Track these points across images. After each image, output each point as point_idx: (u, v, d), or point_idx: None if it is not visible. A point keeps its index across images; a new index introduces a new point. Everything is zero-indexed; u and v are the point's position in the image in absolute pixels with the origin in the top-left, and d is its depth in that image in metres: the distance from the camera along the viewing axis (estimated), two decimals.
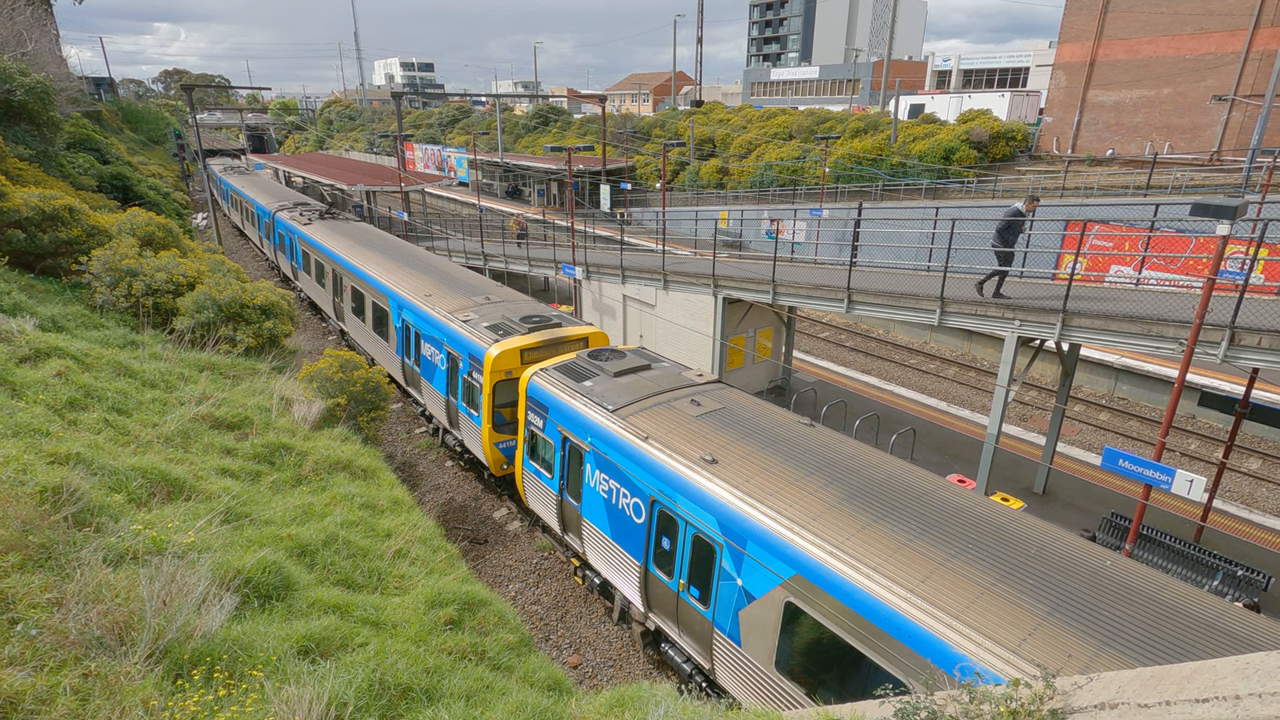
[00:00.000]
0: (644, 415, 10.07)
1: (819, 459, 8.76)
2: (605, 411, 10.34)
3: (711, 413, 10.05)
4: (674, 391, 10.82)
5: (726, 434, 9.44)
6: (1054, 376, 23.26)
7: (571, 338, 14.11)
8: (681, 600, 9.13)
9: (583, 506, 10.87)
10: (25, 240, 12.70)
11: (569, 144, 29.40)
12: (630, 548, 9.92)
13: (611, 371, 11.50)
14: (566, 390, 11.22)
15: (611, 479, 10.05)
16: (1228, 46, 35.44)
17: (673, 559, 9.14)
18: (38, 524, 4.85)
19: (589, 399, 10.75)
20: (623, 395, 10.66)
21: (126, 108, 61.42)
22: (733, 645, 8.29)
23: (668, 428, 9.69)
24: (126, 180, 28.17)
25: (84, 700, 3.68)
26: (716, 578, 8.40)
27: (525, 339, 13.61)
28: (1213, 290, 9.83)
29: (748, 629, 8.05)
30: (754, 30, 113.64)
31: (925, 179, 40.96)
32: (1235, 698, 2.68)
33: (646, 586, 9.82)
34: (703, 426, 9.66)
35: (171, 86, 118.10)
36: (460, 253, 31.64)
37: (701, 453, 8.98)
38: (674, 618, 9.46)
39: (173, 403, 9.44)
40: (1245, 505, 15.82)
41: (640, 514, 9.54)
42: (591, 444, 10.38)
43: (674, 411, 10.09)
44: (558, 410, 11.21)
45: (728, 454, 8.93)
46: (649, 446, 9.43)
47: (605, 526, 10.40)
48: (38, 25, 31.53)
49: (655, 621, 10.05)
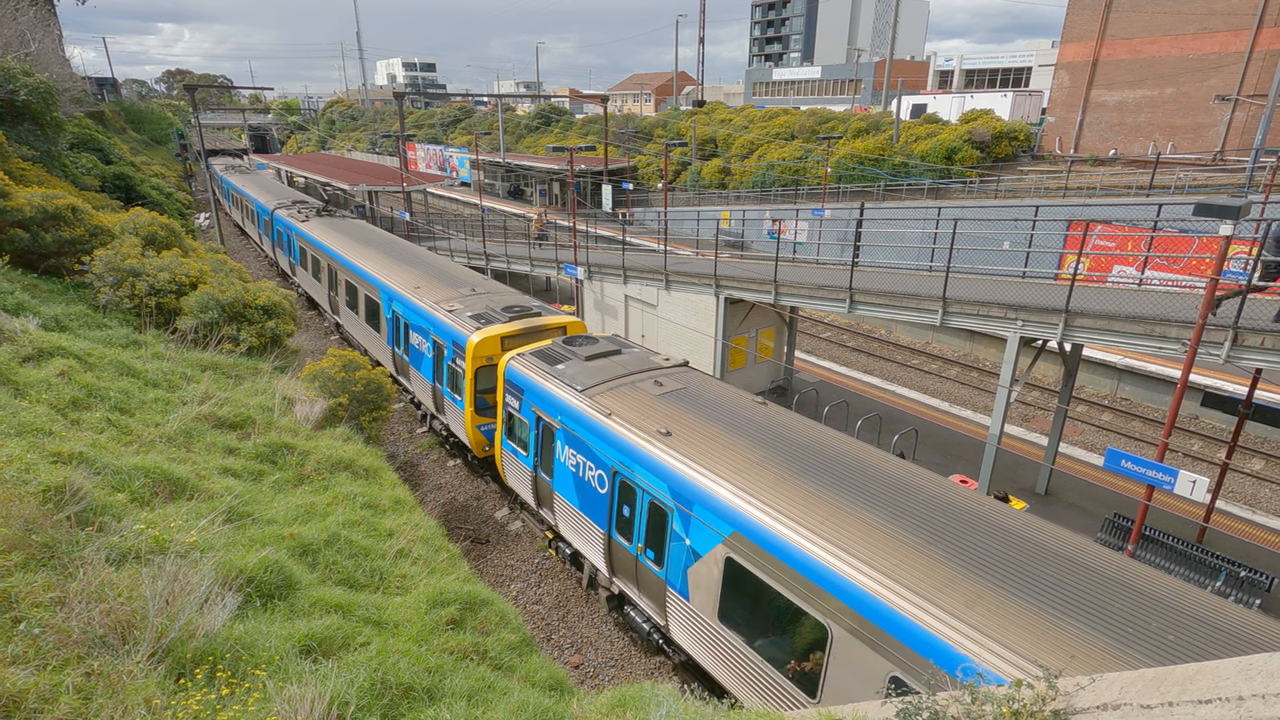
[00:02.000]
0: (610, 394, 10.76)
1: (767, 433, 9.45)
2: (574, 391, 11.01)
3: (672, 392, 10.79)
4: (639, 373, 11.53)
5: (683, 410, 10.14)
6: (1056, 377, 23.22)
7: (550, 326, 14.77)
8: (640, 563, 9.85)
9: (554, 481, 11.57)
10: (28, 240, 12.73)
11: (571, 144, 29.42)
12: (595, 516, 10.63)
13: (583, 356, 12.14)
14: (541, 373, 11.87)
15: (579, 454, 10.76)
16: (1231, 46, 35.37)
17: (632, 525, 9.85)
18: (41, 523, 4.87)
19: (560, 380, 11.41)
20: (592, 377, 11.33)
21: (129, 108, 61.53)
22: (683, 601, 9.02)
23: (630, 405, 10.37)
24: (129, 180, 28.23)
25: (87, 699, 3.69)
26: (669, 540, 9.11)
27: (505, 327, 14.29)
28: (1215, 290, 9.81)
29: (695, 584, 8.78)
30: (756, 30, 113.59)
31: (927, 179, 40.92)
32: (1238, 699, 2.67)
33: (610, 552, 10.54)
34: (662, 404, 10.36)
35: (174, 87, 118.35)
36: (462, 252, 31.66)
37: (658, 427, 9.70)
38: (634, 579, 10.19)
39: (175, 402, 9.45)
40: (1248, 506, 15.78)
41: (604, 485, 10.28)
42: (562, 422, 11.07)
43: (638, 391, 10.80)
44: (532, 392, 11.88)
45: (682, 428, 9.61)
46: (612, 422, 10.12)
47: (574, 498, 11.11)
48: (41, 25, 31.60)
49: (619, 585, 10.74)
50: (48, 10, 38.49)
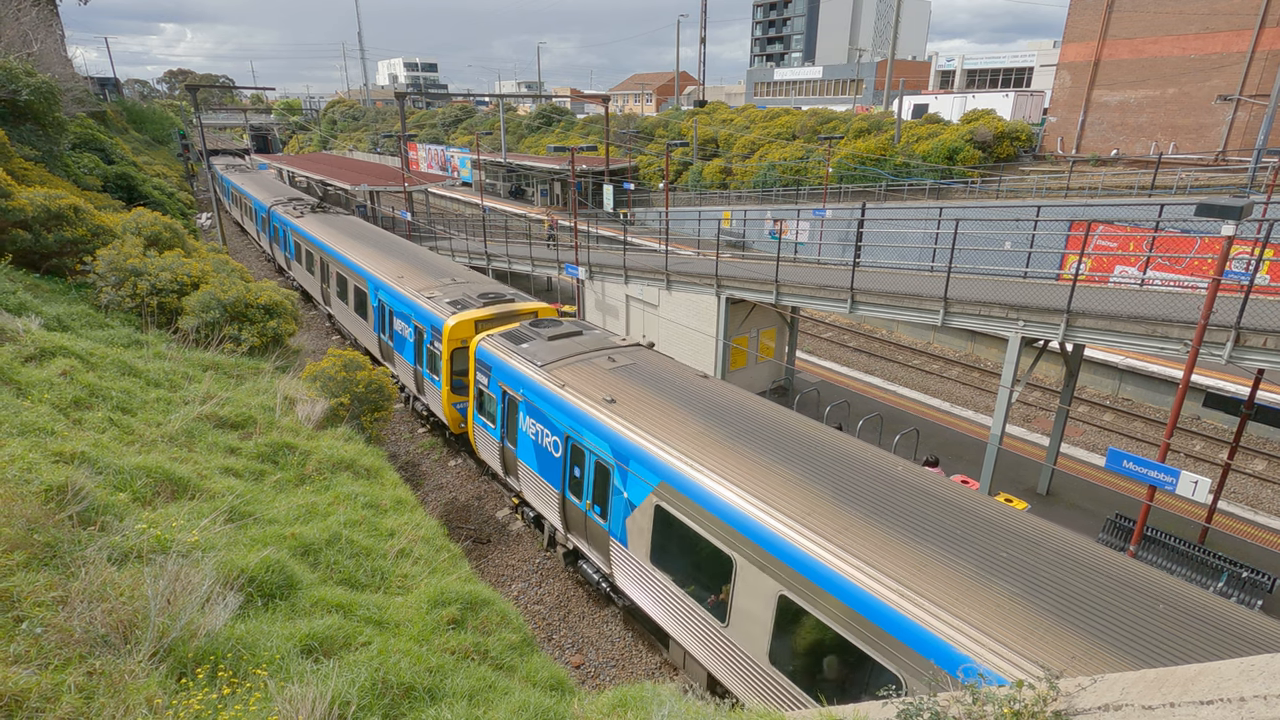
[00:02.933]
0: (566, 369, 11.79)
1: (702, 401, 10.46)
2: (535, 367, 12.00)
3: (623, 367, 11.82)
4: (595, 351, 12.52)
5: (629, 382, 11.16)
6: (1058, 377, 23.20)
7: (521, 311, 15.73)
8: (588, 518, 10.90)
9: (518, 450, 12.65)
10: (31, 240, 12.75)
11: (572, 144, 29.41)
12: (552, 479, 11.69)
13: (546, 336, 13.15)
14: (507, 352, 12.82)
15: (538, 423, 11.80)
16: (1233, 46, 35.33)
17: (582, 484, 10.91)
18: (43, 522, 4.87)
19: (524, 358, 12.38)
20: (552, 354, 12.32)
21: (131, 108, 61.63)
22: (622, 548, 10.08)
23: (583, 378, 11.37)
24: (131, 180, 28.27)
25: (88, 698, 3.70)
26: (611, 494, 10.12)
27: (479, 312, 15.27)
28: (1218, 291, 9.80)
29: (632, 532, 9.81)
30: (757, 30, 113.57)
31: (929, 179, 40.89)
32: (1240, 700, 2.67)
33: (564, 510, 11.59)
34: (612, 377, 11.38)
35: (176, 87, 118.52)
36: (464, 252, 31.67)
37: (605, 395, 10.70)
38: (584, 534, 11.24)
39: (177, 402, 9.46)
40: (1250, 507, 15.76)
41: (558, 449, 11.32)
42: (524, 395, 12.11)
43: (592, 366, 11.83)
44: (499, 369, 12.85)
45: (626, 396, 10.65)
46: (565, 392, 11.13)
47: (534, 464, 12.19)
48: (44, 26, 31.65)
49: (573, 541, 11.77)
50: (50, 10, 38.55)
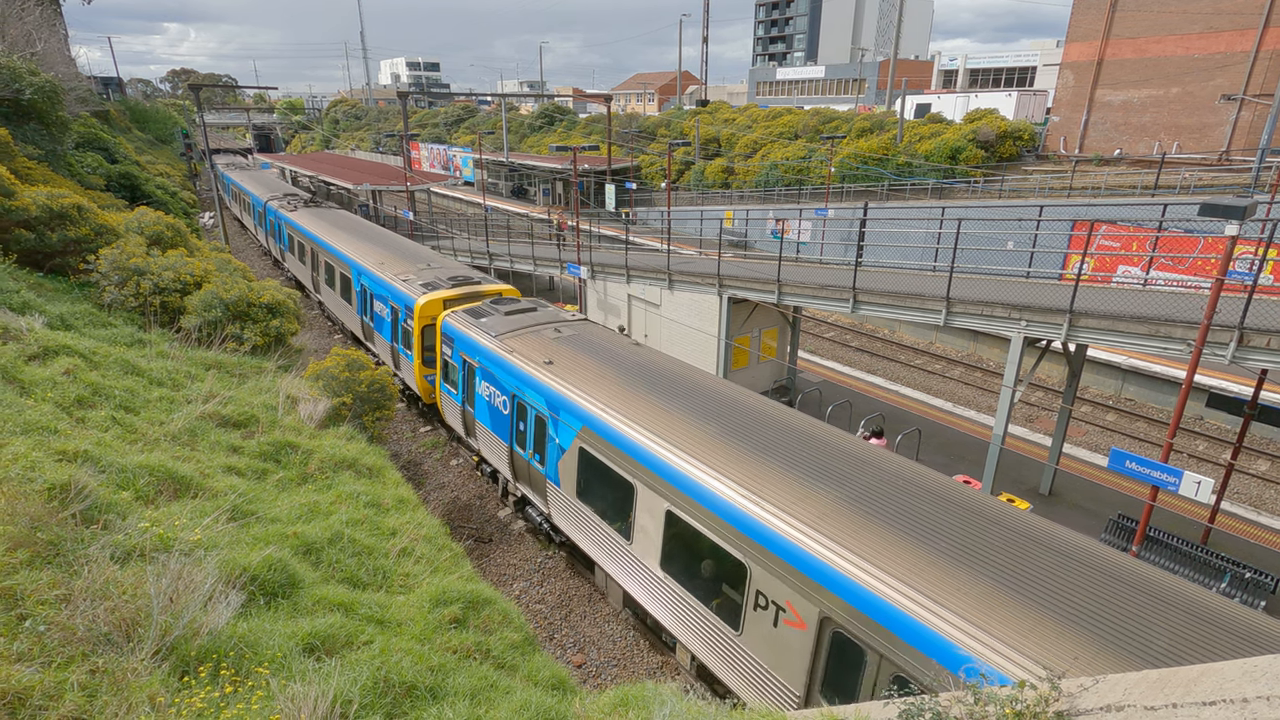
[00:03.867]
0: (515, 338, 13.25)
1: (628, 363, 11.86)
2: (490, 337, 13.48)
3: (565, 337, 13.23)
4: (544, 324, 13.93)
5: (568, 348, 12.58)
6: (1060, 377, 23.16)
7: (486, 292, 17.19)
8: (530, 465, 12.42)
9: (476, 411, 14.12)
10: (34, 239, 12.78)
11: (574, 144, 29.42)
12: (502, 434, 13.21)
13: (503, 312, 14.57)
14: (468, 325, 14.27)
15: (491, 385, 13.26)
16: (1237, 46, 35.22)
17: (525, 436, 12.39)
18: (46, 521, 4.89)
19: (481, 329, 13.85)
20: (505, 326, 13.76)
21: (134, 107, 61.75)
22: (555, 488, 11.58)
23: (529, 345, 12.86)
24: (134, 179, 28.32)
25: (91, 696, 3.71)
26: (547, 442, 11.59)
27: (448, 292, 16.76)
28: (1221, 291, 9.77)
29: (562, 473, 11.27)
30: (760, 30, 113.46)
31: (931, 179, 40.83)
32: (1243, 701, 2.66)
33: (512, 461, 13.09)
34: (554, 344, 12.81)
35: (179, 86, 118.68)
36: (466, 252, 31.68)
37: (544, 359, 12.15)
38: (528, 481, 12.79)
39: (180, 401, 9.48)
40: (1253, 507, 15.72)
41: (507, 407, 12.80)
42: (480, 362, 13.57)
43: (539, 336, 13.28)
44: (461, 340, 14.30)
45: (562, 359, 12.10)
46: (512, 357, 12.61)
47: (488, 422, 13.65)
48: (47, 25, 31.71)
49: (520, 489, 13.27)
50: (54, 10, 38.63)
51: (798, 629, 7.26)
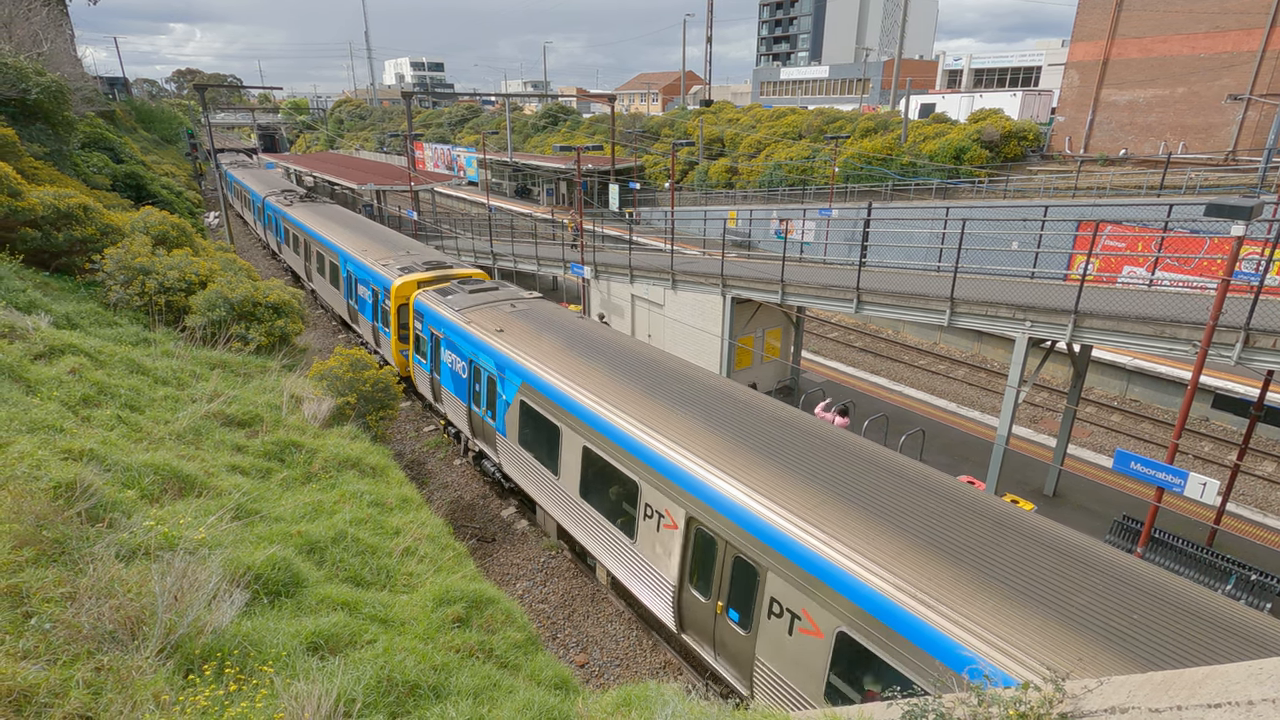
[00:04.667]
0: (475, 311, 14.87)
1: (567, 330, 13.42)
2: (453, 310, 15.11)
3: (518, 310, 14.81)
4: (502, 300, 15.56)
5: (519, 319, 14.16)
6: (1065, 378, 23.09)
7: (457, 275, 18.65)
8: (484, 420, 14.06)
9: (441, 378, 15.81)
10: (40, 238, 12.84)
11: (578, 144, 29.42)
12: (462, 396, 14.85)
13: (467, 291, 16.26)
14: (436, 302, 15.89)
15: (453, 353, 14.87)
16: (1243, 45, 35.06)
17: (480, 395, 14.00)
18: (52, 519, 4.91)
19: (446, 305, 15.47)
20: (467, 302, 15.40)
21: (140, 107, 61.99)
22: (503, 438, 13.34)
23: (486, 317, 14.45)
24: (140, 179, 28.43)
25: (96, 694, 3.72)
26: (496, 398, 13.24)
27: (421, 275, 18.33)
28: (1227, 291, 9.73)
29: (508, 424, 12.99)
30: (764, 29, 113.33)
31: (936, 179, 40.74)
32: (1248, 703, 2.65)
33: (470, 419, 14.75)
34: (508, 317, 14.37)
35: (185, 86, 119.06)
36: (470, 252, 31.72)
37: (497, 328, 13.78)
38: (483, 435, 14.41)
39: (184, 400, 9.51)
40: (1259, 509, 15.65)
41: (465, 372, 14.43)
42: (444, 333, 15.23)
43: (495, 310, 14.88)
44: (430, 316, 15.93)
45: (512, 328, 13.73)
46: (470, 327, 14.25)
47: (451, 387, 15.37)
48: (54, 26, 31.84)
49: (478, 444, 14.92)
50: (60, 10, 38.78)
51: (671, 529, 9.19)
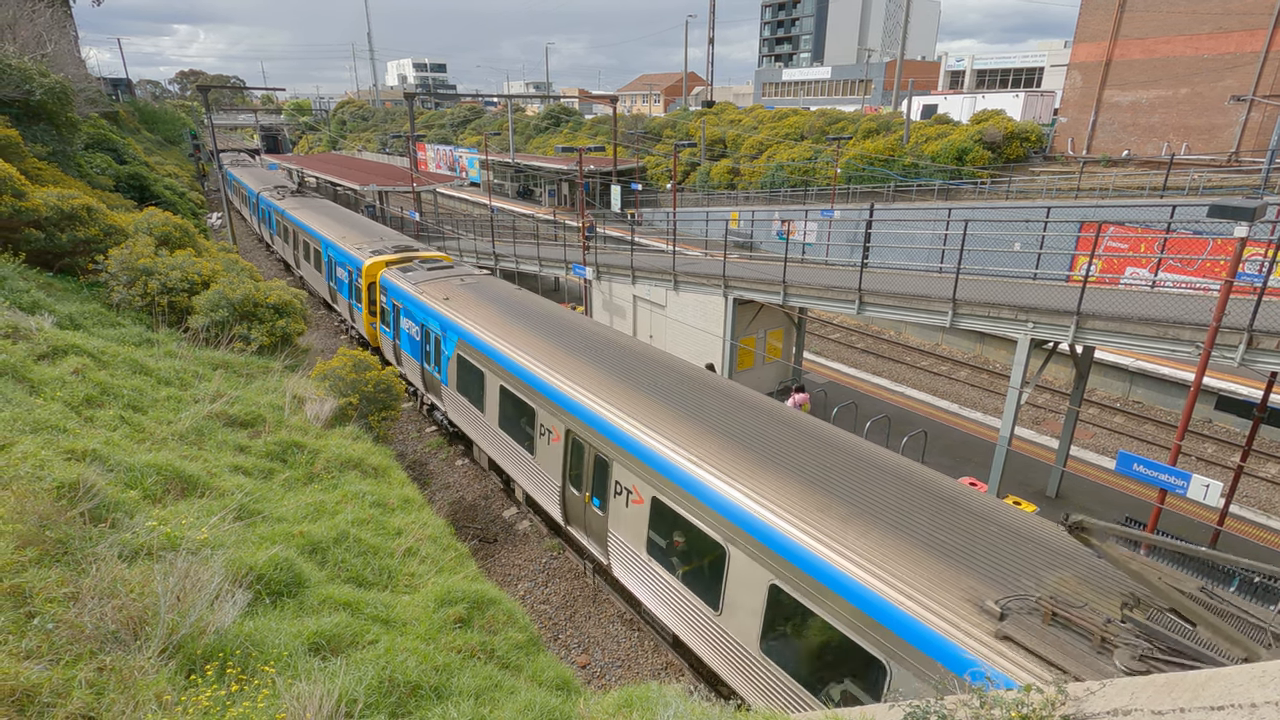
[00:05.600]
0: (429, 284, 17.22)
1: (504, 299, 15.89)
2: (411, 284, 17.51)
3: (467, 284, 17.16)
4: (454, 276, 17.96)
5: (465, 291, 16.56)
6: (1068, 379, 23.05)
7: (422, 257, 21.09)
8: (434, 377, 16.38)
9: (401, 343, 18.18)
10: (44, 239, 12.87)
11: (580, 145, 29.39)
12: (416, 356, 17.21)
13: (426, 269, 18.86)
14: (398, 278, 18.29)
15: (411, 320, 17.19)
16: (1247, 46, 35.01)
17: (430, 354, 16.38)
18: (55, 519, 4.92)
19: (407, 280, 17.85)
20: (424, 278, 17.77)
21: (144, 108, 62.13)
22: (445, 387, 15.83)
23: (438, 289, 16.81)
24: (143, 180, 28.50)
25: (99, 694, 3.73)
26: (441, 356, 15.64)
27: (389, 256, 20.86)
28: (1230, 293, 9.71)
29: (449, 375, 15.41)
30: (766, 30, 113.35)
31: (938, 180, 40.71)
32: (1251, 705, 2.64)
33: (423, 375, 17.12)
34: (455, 289, 16.75)
35: (188, 87, 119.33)
36: (471, 252, 31.74)
37: (444, 296, 16.25)
38: (432, 388, 16.80)
39: (187, 400, 9.53)
40: (1263, 511, 15.61)
41: (419, 335, 16.77)
42: (404, 304, 17.60)
43: (447, 283, 17.27)
44: (393, 290, 18.30)
45: (456, 297, 16.18)
46: (423, 296, 16.63)
47: (409, 350, 17.68)
48: (57, 27, 31.92)
49: (430, 398, 17.29)
50: (64, 12, 38.89)
51: (557, 442, 11.66)
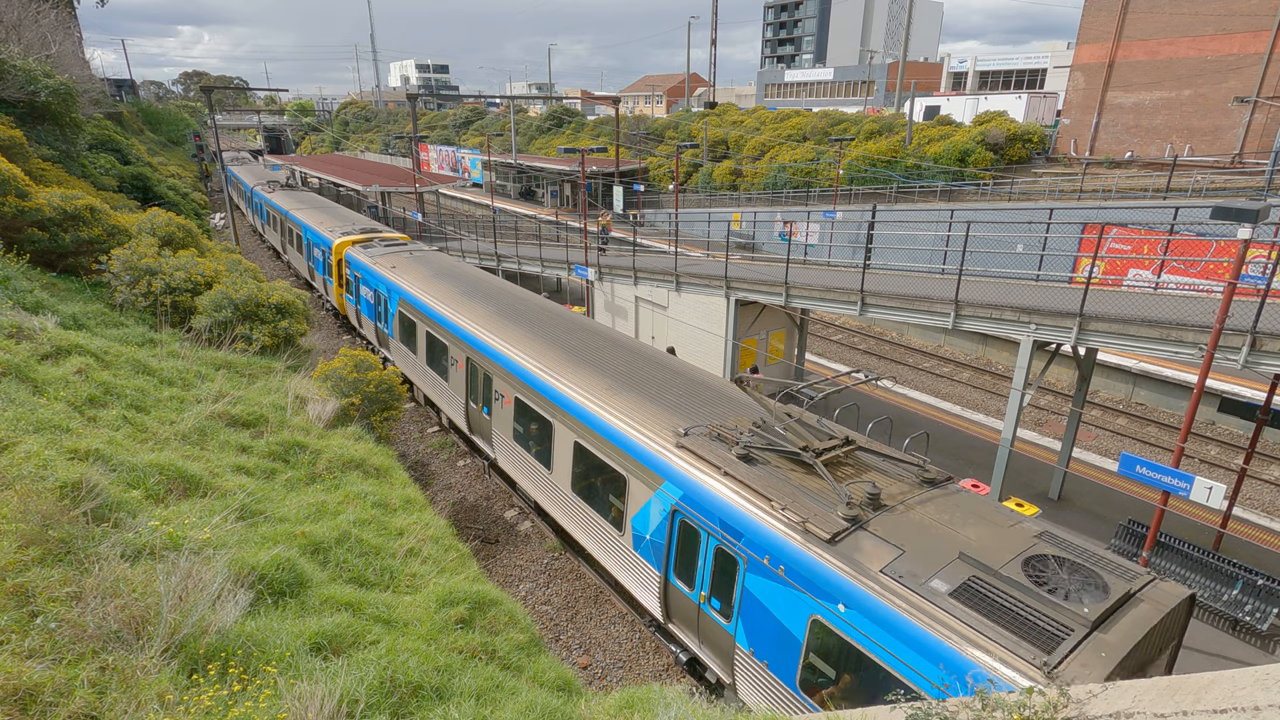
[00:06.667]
0: (383, 257, 20.70)
1: (440, 268, 19.17)
2: (369, 258, 21.01)
3: (414, 257, 20.69)
4: (404, 251, 21.56)
5: (410, 262, 19.86)
6: (1070, 381, 23.00)
7: (381, 238, 24.38)
8: (386, 333, 19.63)
9: (361, 308, 21.84)
10: (48, 239, 12.91)
11: (582, 145, 29.41)
12: (371, 317, 20.82)
13: (383, 246, 22.46)
14: (360, 253, 21.81)
15: (367, 287, 20.82)
16: (1250, 48, 34.93)
17: (380, 314, 19.85)
18: (58, 519, 4.93)
19: (366, 255, 21.43)
20: (380, 253, 21.37)
21: (147, 109, 62.26)
22: (391, 339, 19.19)
23: (389, 260, 20.24)
24: (146, 180, 28.57)
25: (101, 693, 3.73)
26: (389, 315, 19.02)
27: (355, 237, 24.27)
28: (1234, 295, 9.69)
29: (394, 328, 18.81)
30: (768, 32, 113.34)
31: (940, 181, 40.67)
32: (1254, 709, 2.64)
33: (376, 333, 20.64)
34: (403, 260, 20.21)
35: (191, 88, 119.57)
36: (474, 253, 31.77)
37: (392, 265, 19.65)
38: (384, 343, 20.12)
39: (190, 400, 9.55)
40: (1266, 513, 15.56)
41: (374, 299, 20.24)
42: (362, 274, 21.20)
43: (397, 256, 20.71)
44: (355, 264, 21.93)
45: (402, 266, 19.55)
46: (376, 266, 20.19)
47: (367, 313, 21.31)
48: (62, 28, 32.03)
49: (383, 351, 20.42)
50: (69, 13, 39.01)
51: (460, 369, 14.93)
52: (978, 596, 6.13)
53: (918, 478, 8.26)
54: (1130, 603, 6.11)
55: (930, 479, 8.22)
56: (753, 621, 7.81)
